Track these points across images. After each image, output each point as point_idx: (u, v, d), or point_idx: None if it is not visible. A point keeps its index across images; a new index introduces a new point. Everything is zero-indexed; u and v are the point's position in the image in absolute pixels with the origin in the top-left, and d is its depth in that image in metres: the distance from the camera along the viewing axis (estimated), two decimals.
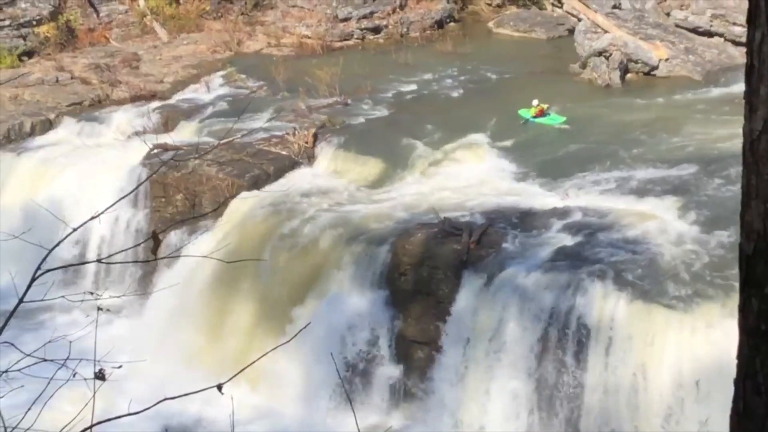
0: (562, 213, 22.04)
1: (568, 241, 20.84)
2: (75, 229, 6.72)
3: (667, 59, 31.36)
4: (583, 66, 31.63)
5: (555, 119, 27.30)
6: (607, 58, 30.91)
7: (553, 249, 20.56)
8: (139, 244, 17.81)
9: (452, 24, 38.73)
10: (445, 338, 20.47)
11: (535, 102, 27.50)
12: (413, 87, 31.60)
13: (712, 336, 17.67)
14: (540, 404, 19.31)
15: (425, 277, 21.16)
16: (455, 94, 30.72)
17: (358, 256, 21.98)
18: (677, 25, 33.06)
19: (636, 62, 31.25)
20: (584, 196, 22.90)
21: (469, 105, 29.17)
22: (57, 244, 6.74)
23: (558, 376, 19.17)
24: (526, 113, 27.46)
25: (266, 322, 22.02)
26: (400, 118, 28.61)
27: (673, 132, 25.90)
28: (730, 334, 16.73)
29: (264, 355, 6.16)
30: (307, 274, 22.17)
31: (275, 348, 6.24)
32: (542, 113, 27.48)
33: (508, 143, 26.35)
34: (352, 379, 21.23)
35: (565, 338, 19.13)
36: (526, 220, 21.91)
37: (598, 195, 22.84)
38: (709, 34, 32.56)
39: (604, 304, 18.77)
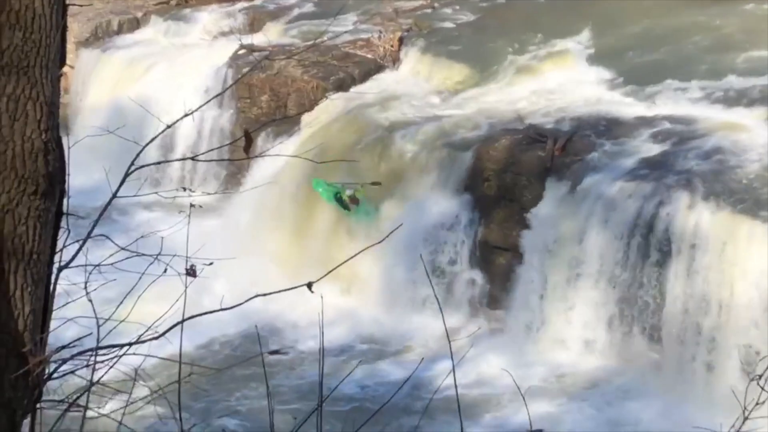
0: (649, 122, 21.76)
1: (654, 150, 20.60)
2: (169, 126, 6.77)
3: None
4: None
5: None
6: None
7: (639, 158, 20.35)
8: (231, 142, 17.76)
9: None
10: (527, 245, 20.46)
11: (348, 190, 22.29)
12: None
13: None
14: (621, 314, 19.30)
15: (509, 183, 21.11)
16: (545, 0, 30.26)
17: (441, 161, 21.96)
18: None
19: None
20: (672, 104, 22.57)
21: (559, 11, 28.64)
22: (153, 139, 6.79)
23: (640, 286, 19.11)
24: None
25: (352, 224, 22.18)
26: (488, 23, 28.27)
27: None
28: None
29: (354, 255, 6.20)
30: (391, 177, 22.16)
31: (366, 249, 6.27)
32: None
33: (597, 50, 25.89)
34: (435, 282, 21.33)
35: (648, 248, 19.02)
36: (612, 129, 21.68)
37: (687, 104, 22.45)
38: None
39: (689, 213, 18.59)
